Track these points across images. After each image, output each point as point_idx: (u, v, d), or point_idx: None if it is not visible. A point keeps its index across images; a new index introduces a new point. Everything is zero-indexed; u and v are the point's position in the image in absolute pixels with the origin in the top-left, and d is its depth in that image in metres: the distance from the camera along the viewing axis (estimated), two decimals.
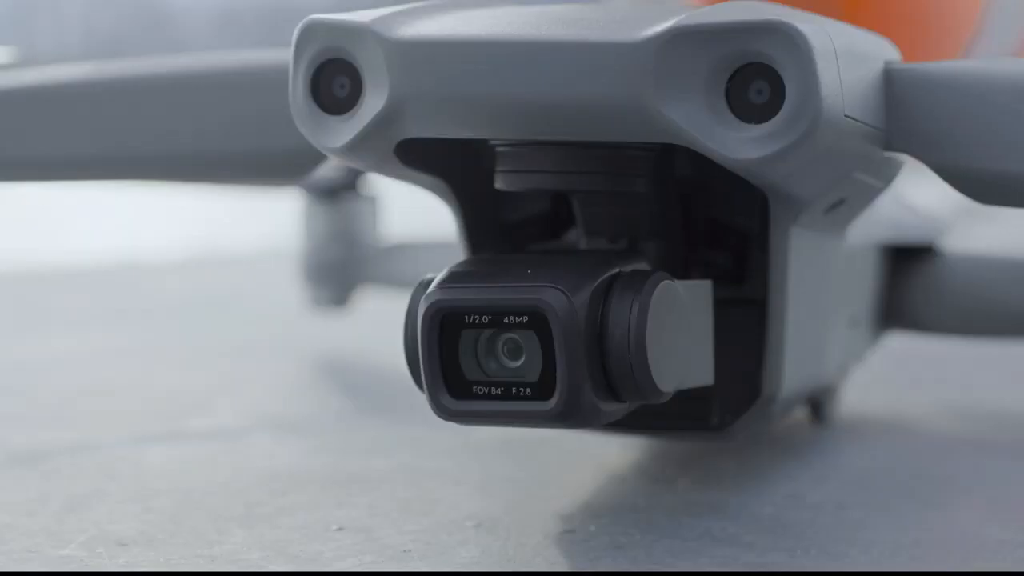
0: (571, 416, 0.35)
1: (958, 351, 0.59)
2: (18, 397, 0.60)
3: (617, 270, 0.36)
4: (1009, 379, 0.60)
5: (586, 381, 0.34)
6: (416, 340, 0.36)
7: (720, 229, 0.42)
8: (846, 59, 0.35)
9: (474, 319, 0.35)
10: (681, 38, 0.34)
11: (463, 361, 0.35)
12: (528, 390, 0.35)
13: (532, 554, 0.37)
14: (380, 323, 0.59)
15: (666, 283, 0.35)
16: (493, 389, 0.35)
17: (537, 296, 0.34)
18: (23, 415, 0.56)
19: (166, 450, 0.49)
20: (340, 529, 0.39)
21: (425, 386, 0.36)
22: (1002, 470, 0.47)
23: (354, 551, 0.38)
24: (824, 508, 0.41)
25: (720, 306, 0.39)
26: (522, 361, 0.35)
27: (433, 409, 0.36)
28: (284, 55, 0.39)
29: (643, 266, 0.37)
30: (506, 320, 0.35)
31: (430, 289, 0.35)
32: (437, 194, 0.42)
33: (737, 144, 0.35)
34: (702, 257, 0.42)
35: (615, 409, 0.36)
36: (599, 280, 0.35)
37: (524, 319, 0.35)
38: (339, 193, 0.69)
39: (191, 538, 0.39)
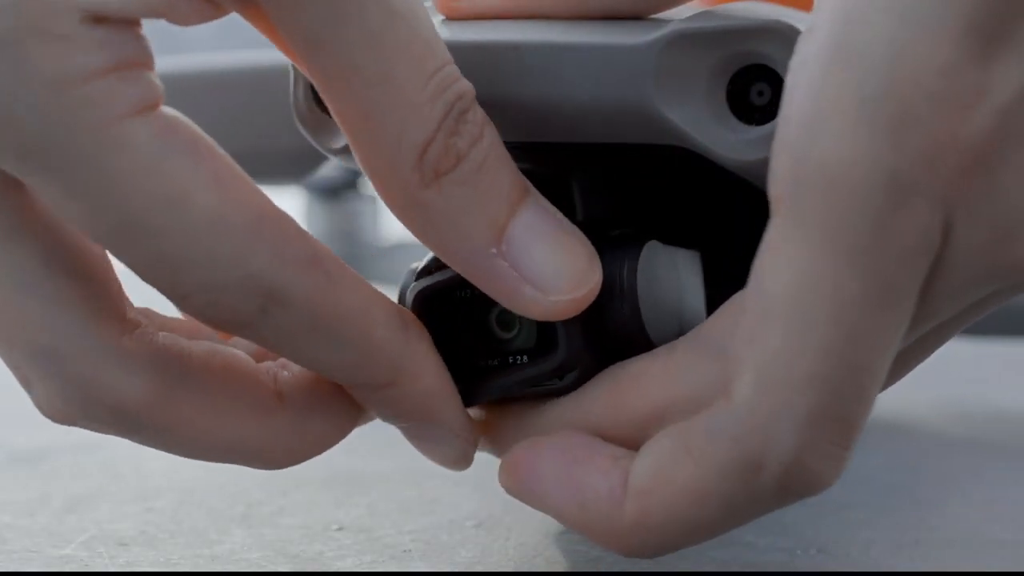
0: (575, 366, 0.35)
1: (958, 351, 0.59)
2: (18, 397, 0.60)
3: (606, 233, 0.36)
4: (1009, 379, 0.60)
5: (584, 346, 0.34)
6: None
7: (720, 228, 0.42)
8: None
9: (464, 293, 0.35)
10: (682, 40, 0.34)
11: (457, 342, 0.35)
12: (525, 358, 0.35)
13: (532, 554, 0.37)
14: None
15: (653, 243, 0.36)
16: (491, 362, 0.35)
17: None
18: (23, 415, 0.56)
19: None
20: (340, 529, 0.39)
21: None
22: (1002, 470, 0.47)
23: (354, 551, 0.38)
24: (824, 508, 0.41)
25: (718, 304, 0.39)
26: (515, 331, 0.35)
27: None
28: (284, 55, 0.39)
29: (630, 230, 0.37)
30: None
31: (417, 271, 0.36)
32: None
33: (738, 145, 0.35)
34: (701, 255, 0.42)
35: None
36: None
37: None
38: (339, 193, 0.69)
39: (191, 538, 0.39)
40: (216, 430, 0.33)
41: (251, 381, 0.33)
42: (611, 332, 0.35)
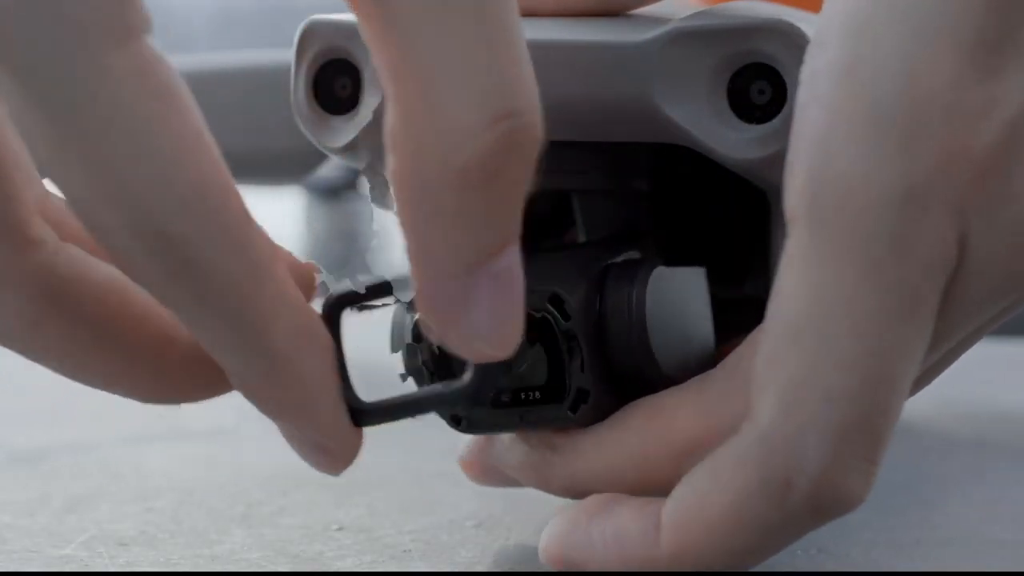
0: (587, 400, 0.35)
1: None
2: (18, 397, 0.60)
3: (610, 260, 0.36)
4: (1013, 379, 0.60)
5: (595, 378, 0.34)
6: (413, 356, 0.36)
7: (721, 229, 0.42)
8: None
9: None
10: (683, 38, 0.34)
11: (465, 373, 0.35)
12: (537, 394, 0.35)
13: (532, 554, 0.37)
14: (380, 323, 0.59)
15: (660, 269, 0.36)
16: (502, 396, 0.35)
17: (535, 302, 0.34)
18: (23, 415, 0.56)
19: (166, 450, 0.49)
20: (340, 529, 0.39)
21: None
22: (1004, 470, 0.47)
23: (354, 551, 0.38)
24: None
25: (722, 305, 0.39)
26: (525, 366, 0.35)
27: (448, 423, 0.36)
28: (284, 55, 0.39)
29: (634, 255, 0.37)
30: None
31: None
32: None
33: (739, 144, 0.35)
34: (702, 257, 0.42)
35: (621, 399, 0.36)
36: (592, 273, 0.35)
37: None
38: (339, 193, 0.69)
39: (191, 538, 0.39)
40: (94, 364, 0.32)
41: (144, 319, 0.32)
42: (622, 364, 0.35)
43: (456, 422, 0.36)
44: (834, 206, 0.31)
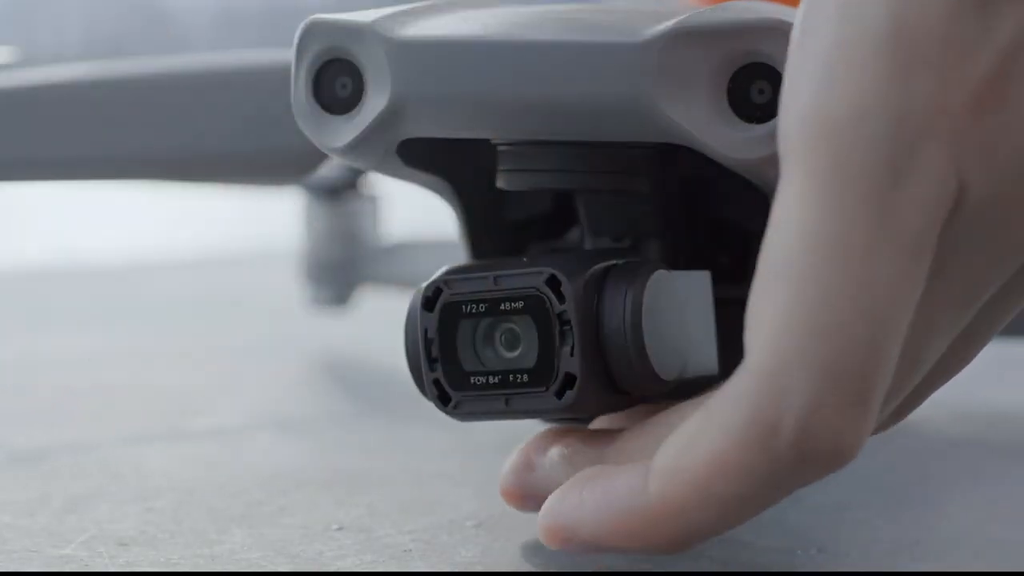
0: (572, 401, 0.35)
1: None
2: (18, 397, 0.60)
3: (613, 262, 0.36)
4: (1011, 379, 0.60)
5: (585, 366, 0.34)
6: (417, 344, 0.36)
7: (722, 228, 0.42)
8: None
9: (471, 308, 0.35)
10: (682, 38, 0.34)
11: (461, 353, 0.36)
12: (525, 376, 0.35)
13: (532, 554, 0.37)
14: (380, 323, 0.59)
15: (661, 272, 0.36)
16: (491, 379, 0.35)
17: (532, 281, 0.35)
18: (23, 415, 0.56)
19: (166, 450, 0.49)
20: (340, 529, 0.39)
21: (425, 379, 0.36)
22: (1002, 470, 0.47)
23: (354, 551, 0.38)
24: (824, 508, 0.41)
25: (722, 305, 0.39)
26: (520, 350, 0.35)
27: (436, 404, 0.36)
28: (284, 55, 0.39)
29: (636, 259, 0.37)
30: (502, 307, 0.35)
31: (425, 283, 0.36)
32: (439, 193, 0.42)
33: (739, 143, 0.35)
34: (704, 256, 0.42)
35: (616, 400, 0.36)
36: (594, 269, 0.35)
37: (520, 304, 0.35)
38: (340, 192, 0.69)
39: (191, 538, 0.39)
40: None
41: None
42: (617, 363, 0.35)
43: (444, 403, 0.36)
44: (827, 137, 0.30)
